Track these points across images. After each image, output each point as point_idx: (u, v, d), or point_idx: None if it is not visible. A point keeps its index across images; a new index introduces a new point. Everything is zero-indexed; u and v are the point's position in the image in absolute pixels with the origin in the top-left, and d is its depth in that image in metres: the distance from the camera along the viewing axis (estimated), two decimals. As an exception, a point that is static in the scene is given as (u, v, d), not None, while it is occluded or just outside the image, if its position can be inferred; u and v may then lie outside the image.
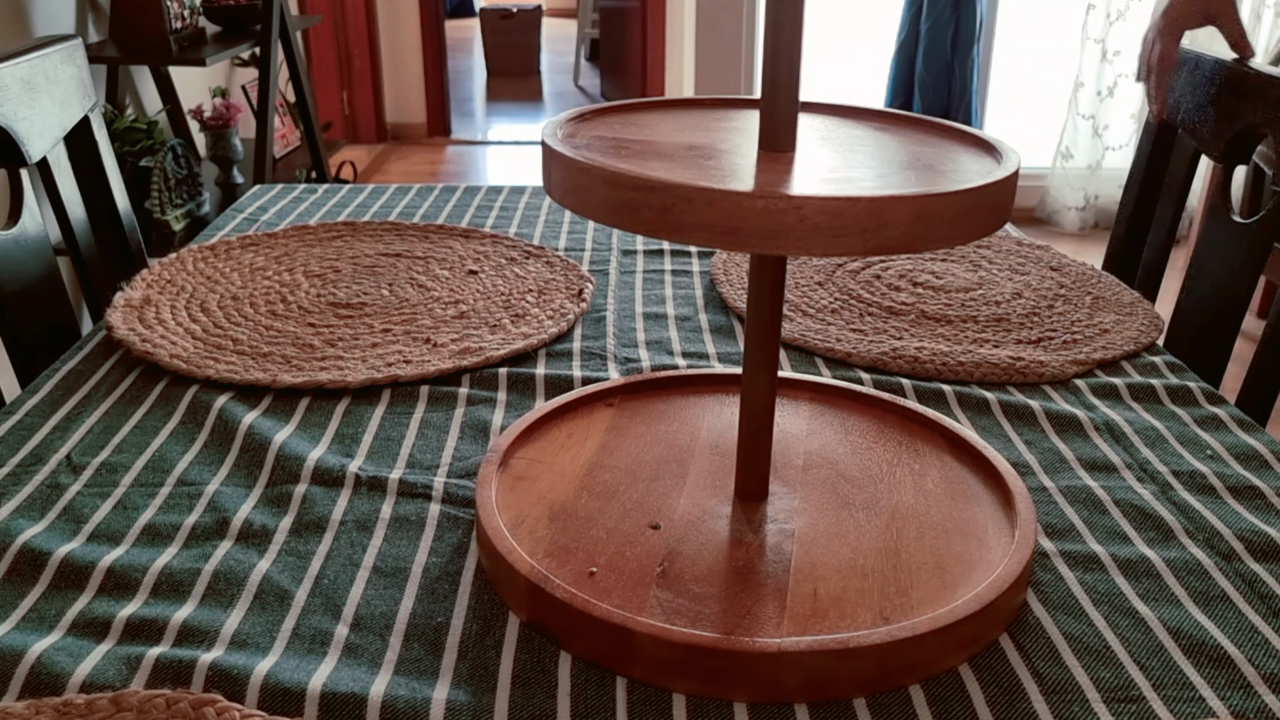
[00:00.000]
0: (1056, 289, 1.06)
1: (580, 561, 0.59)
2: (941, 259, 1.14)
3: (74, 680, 0.52)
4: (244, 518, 0.66)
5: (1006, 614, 0.58)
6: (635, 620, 0.53)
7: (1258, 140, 1.07)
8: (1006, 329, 0.96)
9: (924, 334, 0.95)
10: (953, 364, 0.88)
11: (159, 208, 2.19)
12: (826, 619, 0.55)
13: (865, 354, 0.90)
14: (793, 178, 0.53)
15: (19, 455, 0.73)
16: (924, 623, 0.54)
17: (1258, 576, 0.63)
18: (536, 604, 0.56)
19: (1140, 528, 0.67)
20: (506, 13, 6.40)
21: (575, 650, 0.55)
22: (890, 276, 1.08)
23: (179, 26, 2.21)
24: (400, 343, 0.91)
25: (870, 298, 1.02)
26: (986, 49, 3.62)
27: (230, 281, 1.03)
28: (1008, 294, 1.04)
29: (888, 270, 1.10)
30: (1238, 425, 0.80)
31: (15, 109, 0.98)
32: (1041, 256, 1.15)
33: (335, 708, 0.51)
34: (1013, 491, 0.66)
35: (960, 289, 1.05)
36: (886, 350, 0.90)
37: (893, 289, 1.05)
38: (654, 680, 0.53)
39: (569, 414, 0.76)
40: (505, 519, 0.63)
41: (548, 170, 0.56)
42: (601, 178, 0.51)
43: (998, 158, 0.56)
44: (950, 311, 1.00)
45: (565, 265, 1.09)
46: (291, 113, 3.20)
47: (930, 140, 0.62)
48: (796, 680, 0.52)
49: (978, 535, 0.63)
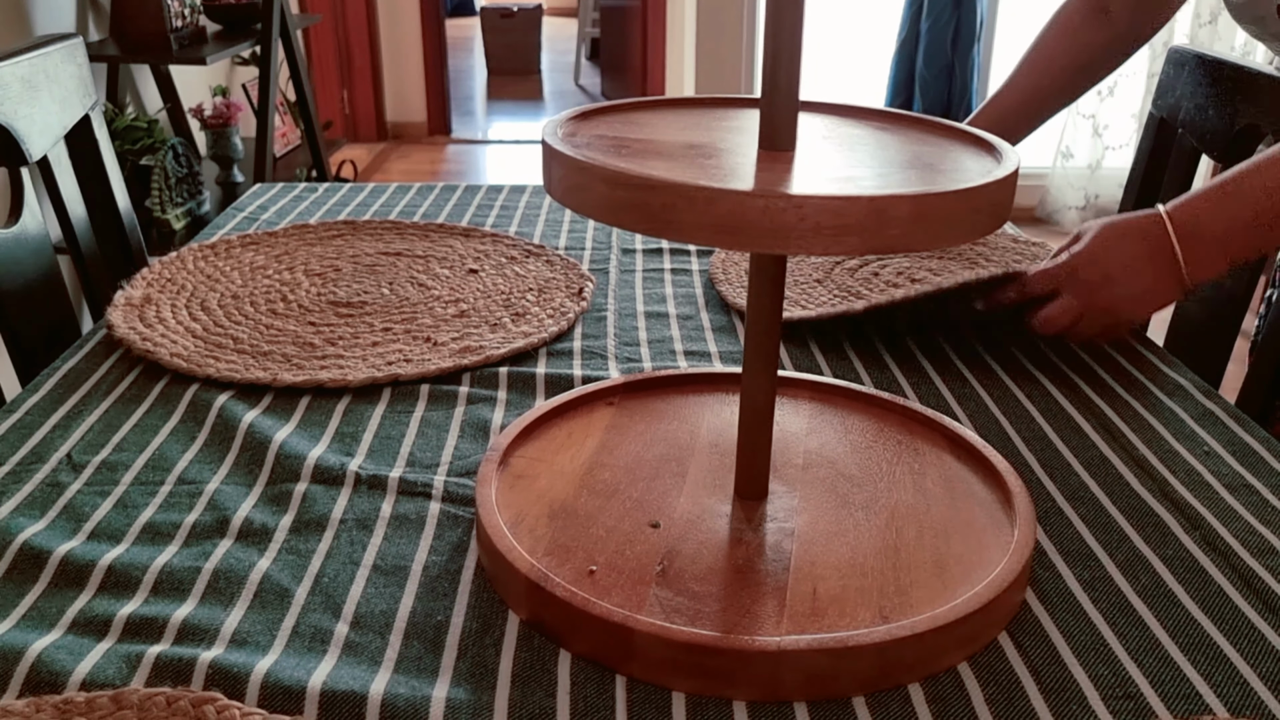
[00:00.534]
0: None
1: (580, 560, 0.59)
2: (939, 257, 1.14)
3: (74, 678, 0.52)
4: (244, 516, 0.66)
5: (1006, 613, 0.58)
6: (635, 619, 0.53)
7: (1259, 140, 1.07)
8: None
9: None
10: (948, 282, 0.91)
11: (159, 206, 2.19)
12: (826, 618, 0.55)
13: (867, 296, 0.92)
14: (793, 177, 0.53)
15: (19, 454, 0.73)
16: (923, 621, 0.54)
17: (1254, 573, 0.63)
18: (536, 602, 0.56)
19: (1138, 525, 0.67)
20: (507, 11, 6.40)
21: (575, 649, 0.55)
22: (888, 274, 1.08)
23: (179, 25, 2.21)
24: (400, 341, 0.91)
25: (868, 293, 1.03)
26: (987, 48, 3.62)
27: (231, 280, 1.03)
28: None
29: (885, 268, 1.10)
30: (1235, 422, 0.81)
31: (16, 107, 0.98)
32: (1038, 254, 1.15)
33: (335, 706, 0.51)
34: (1012, 490, 0.66)
35: None
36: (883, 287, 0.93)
37: (891, 285, 1.05)
38: (654, 679, 0.53)
39: (569, 413, 0.76)
40: (505, 517, 0.63)
41: (548, 169, 0.56)
42: (602, 177, 0.51)
43: (998, 157, 0.56)
44: None
45: (565, 264, 1.09)
46: (292, 111, 3.20)
47: (931, 140, 0.62)
48: (796, 679, 0.52)
49: (977, 534, 0.63)
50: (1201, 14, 3.35)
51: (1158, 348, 0.94)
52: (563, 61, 6.87)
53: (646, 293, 1.05)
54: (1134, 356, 0.92)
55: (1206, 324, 1.07)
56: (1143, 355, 0.93)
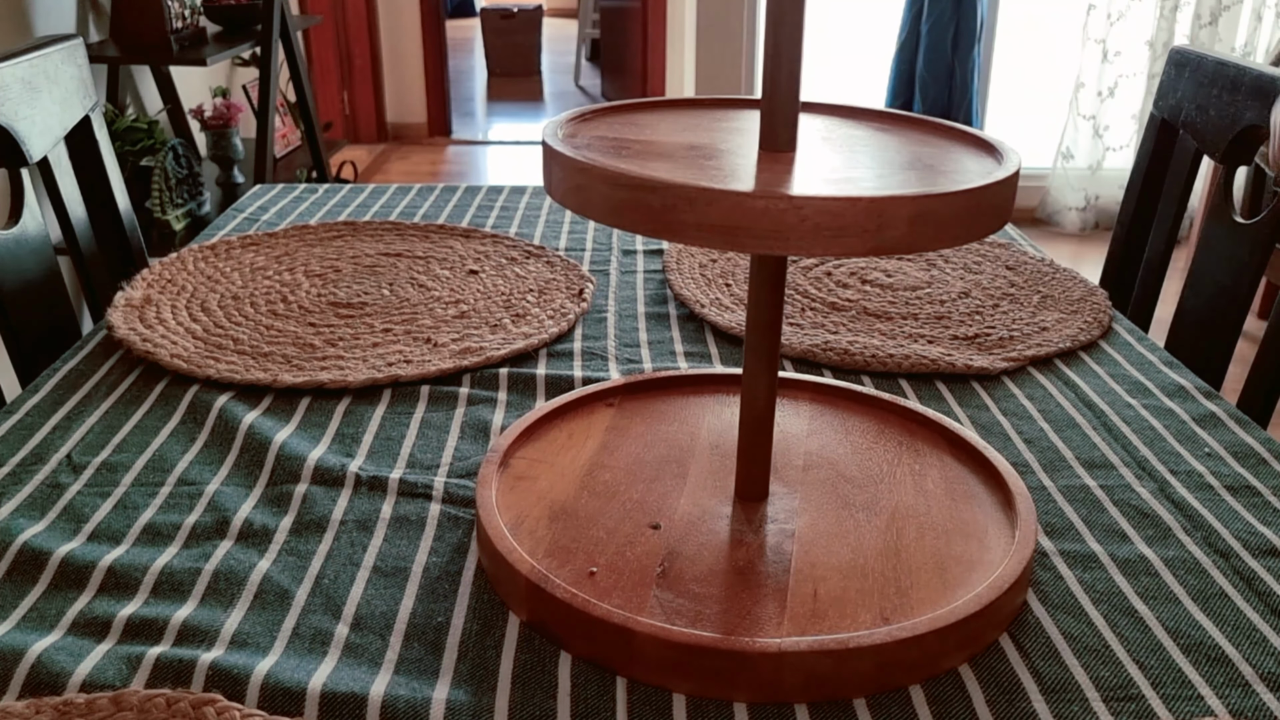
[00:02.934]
0: (1006, 288, 1.06)
1: (581, 561, 0.59)
2: (897, 258, 1.14)
3: (74, 679, 0.52)
4: (244, 517, 0.66)
5: (1007, 614, 0.58)
6: (636, 620, 0.53)
7: (1260, 141, 1.07)
8: (945, 326, 0.97)
9: (860, 329, 0.95)
10: (882, 356, 0.88)
11: (159, 207, 2.19)
12: (827, 619, 0.55)
13: (796, 345, 0.91)
14: (793, 178, 0.53)
15: (19, 455, 0.73)
16: (924, 623, 0.54)
17: (1256, 574, 0.63)
18: (537, 604, 0.56)
19: (1139, 526, 0.67)
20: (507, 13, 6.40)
21: (575, 650, 0.55)
22: (841, 274, 1.08)
23: (180, 26, 2.21)
24: (401, 342, 0.91)
25: (816, 293, 1.03)
26: (987, 49, 3.62)
27: (231, 281, 1.03)
28: (955, 293, 1.05)
29: (839, 268, 1.10)
30: (1236, 424, 0.80)
31: (16, 108, 0.98)
32: (1000, 255, 1.15)
33: (335, 707, 0.51)
34: (1013, 492, 0.66)
35: (909, 287, 1.06)
36: (818, 343, 0.91)
37: (840, 285, 1.05)
38: (654, 680, 0.53)
39: (569, 414, 0.76)
40: (506, 519, 0.63)
41: (549, 170, 0.56)
42: (602, 178, 0.51)
43: (998, 158, 0.56)
44: (893, 309, 1.00)
45: (566, 265, 1.09)
46: (292, 112, 3.20)
47: (931, 140, 0.62)
48: (797, 680, 0.52)
49: (978, 535, 0.63)
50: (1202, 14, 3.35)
51: (1159, 349, 0.94)
52: (563, 62, 6.87)
53: (648, 294, 1.05)
54: (1135, 358, 0.92)
55: (1208, 325, 1.07)
56: (1144, 356, 0.93)
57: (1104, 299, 1.03)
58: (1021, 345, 0.93)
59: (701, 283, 1.05)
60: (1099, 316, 0.99)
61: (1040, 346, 0.93)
